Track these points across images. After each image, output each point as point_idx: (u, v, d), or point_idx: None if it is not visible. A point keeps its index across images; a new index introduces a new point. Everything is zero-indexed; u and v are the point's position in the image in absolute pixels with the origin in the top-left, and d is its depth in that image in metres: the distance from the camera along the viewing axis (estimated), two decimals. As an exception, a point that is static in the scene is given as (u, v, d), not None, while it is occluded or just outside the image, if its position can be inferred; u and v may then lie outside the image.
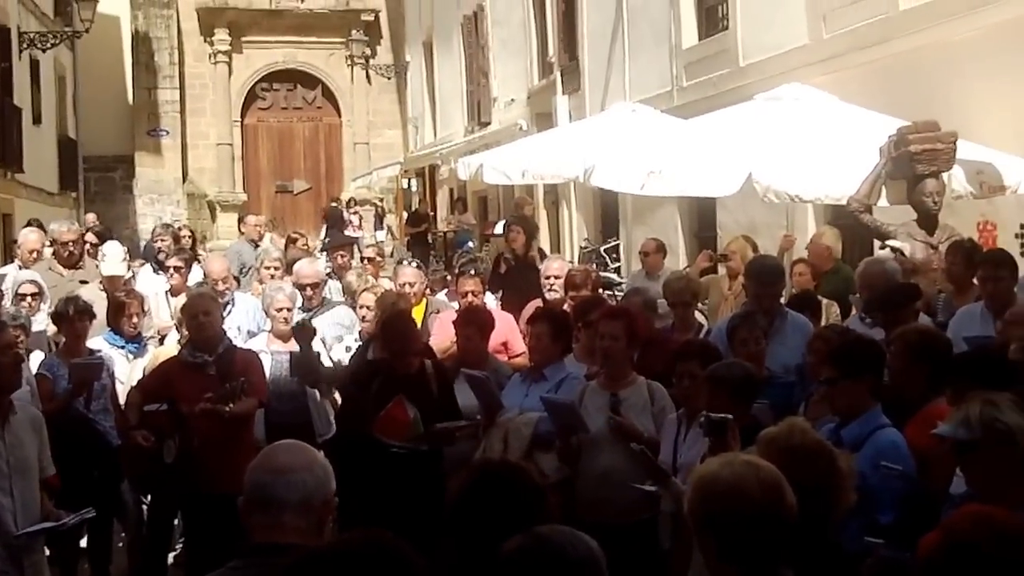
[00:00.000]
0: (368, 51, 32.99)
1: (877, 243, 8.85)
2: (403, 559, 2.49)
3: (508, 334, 8.02)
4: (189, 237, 14.72)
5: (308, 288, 8.69)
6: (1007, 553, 2.50)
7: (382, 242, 25.50)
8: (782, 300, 7.50)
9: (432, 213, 28.84)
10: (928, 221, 8.40)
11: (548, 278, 8.78)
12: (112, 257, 9.79)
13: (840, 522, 3.61)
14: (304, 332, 7.46)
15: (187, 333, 7.22)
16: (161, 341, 8.67)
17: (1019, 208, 9.59)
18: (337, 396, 7.81)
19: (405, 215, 29.03)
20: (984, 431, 3.60)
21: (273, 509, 3.03)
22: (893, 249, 8.17)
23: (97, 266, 10.10)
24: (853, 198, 8.63)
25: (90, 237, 13.11)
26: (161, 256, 11.39)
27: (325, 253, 13.64)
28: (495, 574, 2.65)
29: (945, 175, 8.63)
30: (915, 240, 8.29)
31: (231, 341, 7.23)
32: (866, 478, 4.28)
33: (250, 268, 12.28)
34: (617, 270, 17.05)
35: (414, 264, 9.75)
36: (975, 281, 7.08)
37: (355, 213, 28.54)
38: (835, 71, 11.78)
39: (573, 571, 2.60)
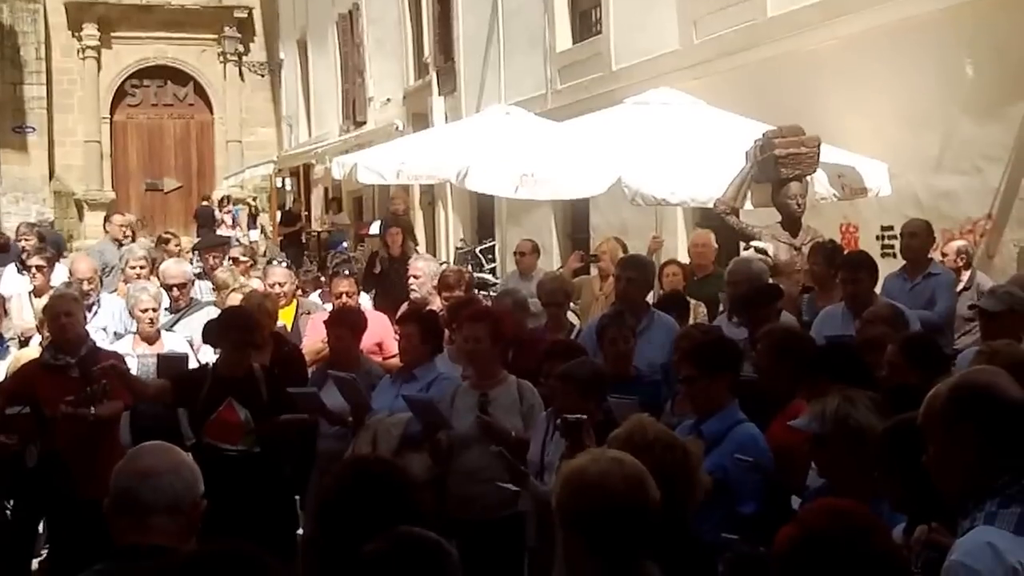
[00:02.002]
0: (241, 48, 32.47)
1: (743, 244, 9.07)
2: (264, 569, 2.49)
3: (382, 335, 7.96)
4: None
5: (175, 288, 8.54)
6: (858, 544, 2.59)
7: (256, 241, 25.11)
8: (650, 300, 7.64)
9: (306, 212, 28.55)
10: (792, 223, 8.64)
11: (411, 278, 8.76)
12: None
13: (701, 513, 3.71)
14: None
15: (48, 334, 7.03)
16: (25, 343, 8.43)
17: (880, 210, 9.92)
18: None
19: (279, 214, 28.70)
20: (834, 426, 3.74)
21: (139, 512, 2.97)
22: (758, 250, 8.40)
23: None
24: (720, 201, 8.84)
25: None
26: (24, 256, 11.09)
27: (197, 253, 13.40)
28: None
29: (809, 178, 8.90)
30: (779, 241, 8.53)
31: (95, 343, 7.06)
32: (727, 471, 4.42)
33: (113, 268, 12.00)
34: (493, 271, 17.13)
35: (284, 264, 9.65)
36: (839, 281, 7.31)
37: (227, 212, 28.09)
38: (704, 76, 12.03)
39: (431, 572, 2.62)
